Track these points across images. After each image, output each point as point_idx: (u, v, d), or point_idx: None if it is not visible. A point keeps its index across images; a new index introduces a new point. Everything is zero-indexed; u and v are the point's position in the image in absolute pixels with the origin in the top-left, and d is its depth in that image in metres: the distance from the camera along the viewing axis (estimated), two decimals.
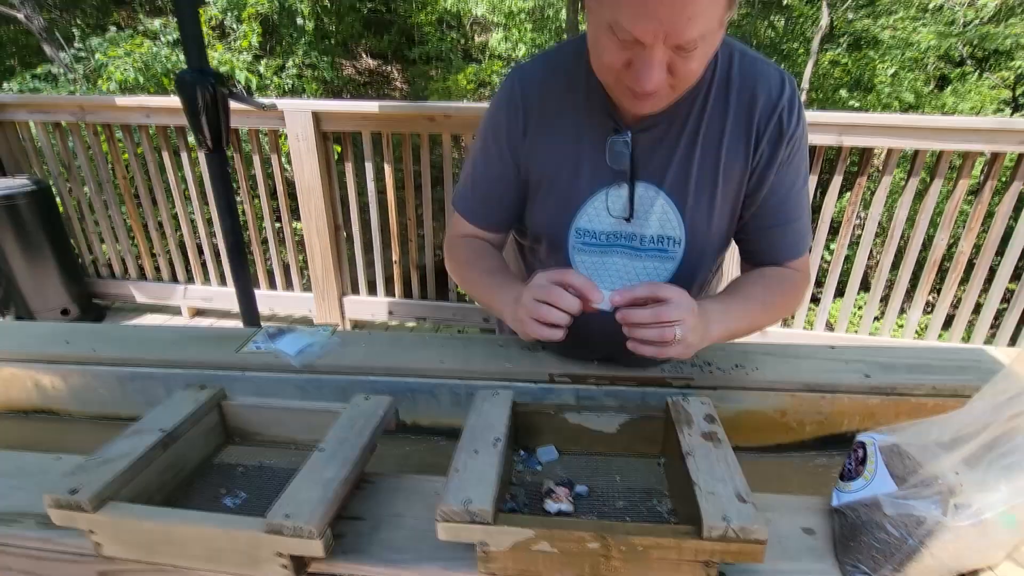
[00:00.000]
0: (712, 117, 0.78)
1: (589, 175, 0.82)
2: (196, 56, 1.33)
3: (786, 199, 0.83)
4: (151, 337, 1.08)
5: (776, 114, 0.77)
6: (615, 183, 0.82)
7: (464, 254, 0.93)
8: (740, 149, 0.79)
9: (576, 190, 0.84)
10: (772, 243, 0.86)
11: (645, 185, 0.82)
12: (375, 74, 8.07)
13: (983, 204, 2.17)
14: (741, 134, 0.78)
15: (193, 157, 2.67)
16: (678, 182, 0.81)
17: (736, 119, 0.78)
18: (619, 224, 0.84)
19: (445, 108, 2.33)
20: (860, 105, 6.22)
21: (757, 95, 0.77)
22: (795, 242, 0.87)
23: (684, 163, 0.80)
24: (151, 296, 2.98)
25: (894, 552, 0.51)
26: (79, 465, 0.60)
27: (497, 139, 0.87)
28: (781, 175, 0.81)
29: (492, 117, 0.88)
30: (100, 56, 4.83)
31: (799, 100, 0.80)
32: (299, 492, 0.56)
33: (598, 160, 0.81)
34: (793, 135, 0.78)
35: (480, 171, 0.91)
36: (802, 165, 0.83)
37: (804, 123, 0.81)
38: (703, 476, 0.56)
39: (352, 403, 0.72)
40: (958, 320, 2.42)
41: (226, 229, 1.58)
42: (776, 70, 0.79)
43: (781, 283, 0.86)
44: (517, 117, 0.84)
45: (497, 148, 0.87)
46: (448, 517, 0.54)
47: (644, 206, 0.82)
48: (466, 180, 0.94)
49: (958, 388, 0.87)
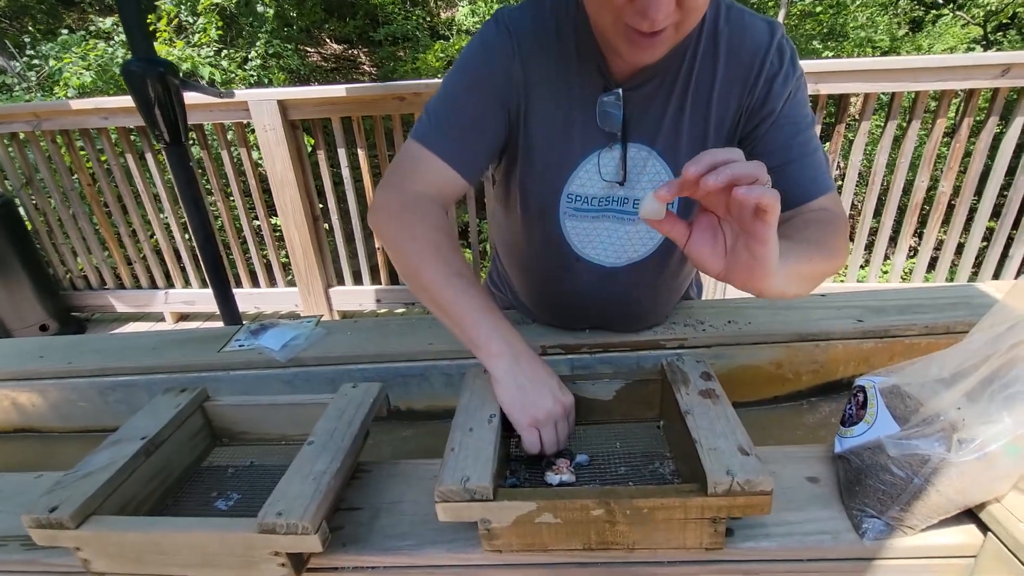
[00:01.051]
0: (701, 72, 0.75)
1: (580, 137, 0.78)
2: (142, 45, 1.26)
3: (795, 136, 0.76)
4: (129, 344, 1.04)
5: (767, 59, 0.74)
6: (607, 145, 0.79)
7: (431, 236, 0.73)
8: (731, 103, 0.76)
9: (568, 154, 0.79)
10: (791, 180, 0.76)
11: (637, 146, 0.78)
12: (341, 59, 7.84)
13: (961, 143, 2.17)
14: (731, 87, 0.75)
15: (160, 160, 2.58)
16: (670, 142, 0.78)
17: (726, 72, 0.75)
18: (611, 188, 0.81)
19: (415, 86, 2.26)
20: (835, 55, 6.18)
21: (746, 46, 0.74)
22: (816, 175, 0.77)
23: (675, 122, 0.77)
24: (131, 304, 2.92)
25: (900, 492, 0.51)
26: (57, 481, 0.58)
27: (493, 82, 0.76)
28: (782, 117, 0.76)
29: (483, 57, 0.77)
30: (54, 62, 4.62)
31: (790, 44, 0.77)
32: (290, 488, 0.54)
33: (589, 121, 0.77)
34: (787, 77, 0.75)
35: (462, 102, 0.77)
36: (804, 108, 0.78)
37: (799, 66, 0.77)
38: (704, 433, 0.55)
39: (340, 392, 0.70)
40: (941, 262, 2.44)
41: (195, 226, 1.52)
42: (763, 20, 0.76)
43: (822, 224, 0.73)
44: (514, 64, 0.75)
45: (489, 89, 0.76)
46: (447, 497, 0.52)
47: (636, 168, 0.79)
48: (439, 115, 0.78)
49: (951, 325, 0.87)
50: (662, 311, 0.94)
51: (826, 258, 0.67)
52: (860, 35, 6.02)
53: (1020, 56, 2.01)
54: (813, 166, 0.78)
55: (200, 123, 2.47)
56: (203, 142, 2.53)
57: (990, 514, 0.51)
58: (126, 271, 2.87)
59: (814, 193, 0.77)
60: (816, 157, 0.78)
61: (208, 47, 5.22)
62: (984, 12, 6.16)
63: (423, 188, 0.77)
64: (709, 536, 0.51)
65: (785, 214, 0.78)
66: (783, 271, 0.56)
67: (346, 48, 7.91)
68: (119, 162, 2.59)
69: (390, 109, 2.31)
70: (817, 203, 0.77)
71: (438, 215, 0.75)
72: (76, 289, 2.92)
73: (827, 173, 0.79)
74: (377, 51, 7.66)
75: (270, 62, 5.67)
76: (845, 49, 6.13)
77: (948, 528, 0.53)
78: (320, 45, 7.70)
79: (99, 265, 2.86)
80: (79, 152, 2.61)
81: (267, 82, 5.65)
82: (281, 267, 2.82)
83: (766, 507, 0.49)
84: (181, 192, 1.48)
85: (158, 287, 2.89)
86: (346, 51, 7.91)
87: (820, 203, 0.77)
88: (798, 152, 0.77)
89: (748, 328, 0.90)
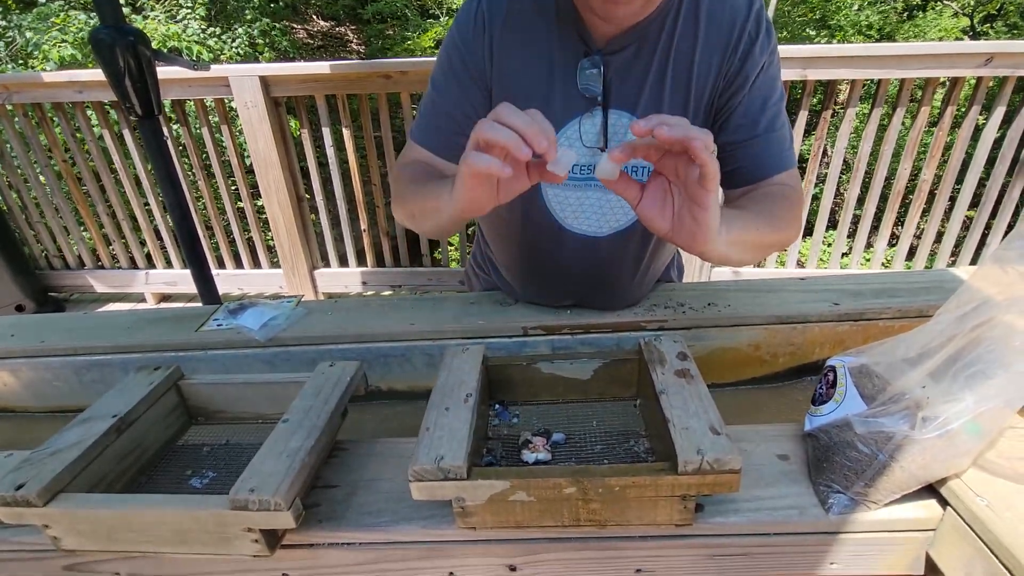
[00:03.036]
0: (682, 38, 0.75)
1: (561, 103, 0.78)
2: (110, 12, 1.20)
3: (763, 110, 0.78)
4: (103, 323, 1.02)
5: (746, 29, 0.75)
6: (587, 111, 0.78)
7: (408, 175, 0.82)
8: (712, 69, 0.76)
9: (549, 118, 0.78)
10: (755, 155, 0.80)
11: (618, 112, 0.78)
12: (328, 36, 7.66)
13: (943, 132, 2.19)
14: (712, 53, 0.76)
15: (138, 136, 2.52)
16: (651, 108, 0.77)
17: (706, 39, 0.75)
18: (592, 155, 0.81)
19: (401, 64, 2.22)
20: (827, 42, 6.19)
21: (725, 13, 0.75)
22: (779, 152, 0.80)
23: (656, 87, 0.77)
24: (111, 285, 2.86)
25: (865, 468, 0.52)
26: (25, 459, 0.57)
27: (462, 61, 0.80)
28: (754, 88, 0.77)
29: (455, 38, 0.80)
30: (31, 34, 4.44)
31: (766, 15, 0.77)
32: (263, 465, 0.54)
33: (570, 87, 0.77)
34: (763, 48, 0.76)
35: (442, 93, 0.83)
36: (776, 82, 0.80)
37: (774, 38, 0.78)
38: (677, 413, 0.55)
39: (317, 371, 0.69)
40: (921, 249, 2.48)
41: (171, 202, 1.48)
42: None
43: (774, 197, 0.78)
44: (481, 38, 0.78)
45: (461, 69, 0.80)
46: (421, 476, 0.52)
47: (618, 135, 0.79)
48: (425, 108, 0.85)
49: (924, 308, 0.88)
50: (643, 287, 0.95)
51: (776, 230, 0.72)
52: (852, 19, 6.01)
53: (1003, 46, 2.03)
54: (778, 141, 0.80)
55: (180, 99, 2.41)
56: (183, 119, 2.47)
57: (950, 489, 0.53)
58: (105, 251, 2.81)
59: (777, 168, 0.81)
60: (781, 133, 0.81)
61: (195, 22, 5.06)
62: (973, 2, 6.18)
63: (409, 161, 0.84)
64: (679, 513, 0.52)
65: (744, 189, 0.82)
66: (727, 236, 0.62)
67: (333, 25, 7.73)
68: (95, 138, 2.52)
69: (376, 87, 2.27)
70: (778, 178, 0.81)
71: (417, 164, 0.82)
72: (53, 268, 2.86)
73: (790, 148, 0.82)
74: (365, 29, 7.50)
75: (257, 40, 5.51)
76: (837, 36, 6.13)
77: (910, 503, 0.54)
78: (307, 22, 7.52)
79: (77, 244, 2.80)
80: (53, 127, 2.53)
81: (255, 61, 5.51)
82: (265, 248, 2.78)
83: (735, 485, 0.50)
84: (156, 168, 1.44)
85: (139, 267, 2.84)
86: (333, 28, 7.73)
87: (780, 178, 0.81)
88: (765, 127, 0.79)
89: (727, 311, 0.90)
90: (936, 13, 6.12)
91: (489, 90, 0.80)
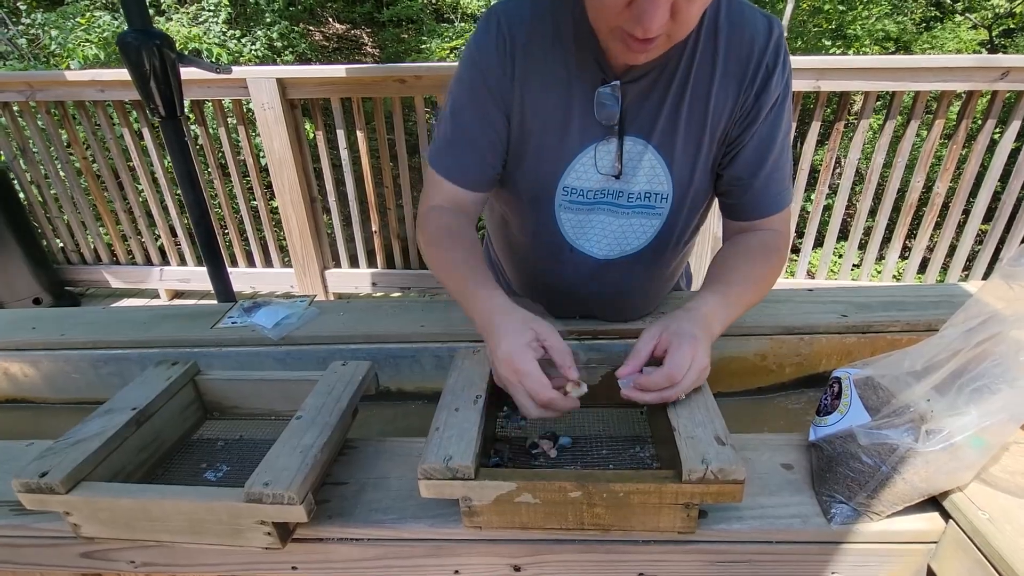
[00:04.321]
0: (700, 67, 0.75)
1: (579, 130, 0.78)
2: (138, 15, 1.24)
3: (770, 147, 0.79)
4: (122, 318, 1.05)
5: (764, 61, 0.74)
6: (604, 138, 0.79)
7: (437, 235, 0.81)
8: (728, 99, 0.76)
9: (566, 146, 0.79)
10: (755, 195, 0.82)
11: (633, 139, 0.78)
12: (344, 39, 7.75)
13: (958, 145, 2.18)
14: (730, 83, 0.75)
15: (157, 135, 2.56)
16: (666, 136, 0.78)
17: (725, 68, 0.75)
18: (607, 181, 0.81)
19: (416, 69, 2.25)
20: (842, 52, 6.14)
21: (745, 42, 0.74)
22: (778, 193, 0.83)
23: (672, 116, 0.77)
24: (126, 280, 2.91)
25: (868, 480, 0.53)
26: (48, 448, 0.59)
27: (486, 84, 0.77)
28: (766, 124, 0.78)
29: (475, 59, 0.78)
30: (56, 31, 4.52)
31: (785, 47, 0.77)
32: (278, 460, 0.55)
33: (587, 114, 0.77)
34: (779, 81, 0.76)
35: (462, 120, 0.80)
36: (785, 115, 0.80)
37: (789, 71, 0.78)
38: (683, 421, 0.56)
39: (329, 369, 0.71)
40: (933, 262, 2.46)
41: (190, 202, 1.52)
42: (763, 16, 0.76)
43: (766, 253, 0.81)
44: (504, 60, 0.76)
45: (484, 93, 0.78)
46: (429, 475, 0.53)
47: (632, 161, 0.79)
48: (443, 134, 0.83)
49: (932, 322, 0.89)
50: (652, 303, 0.96)
51: (760, 292, 0.79)
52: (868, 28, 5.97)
53: (1020, 60, 2.01)
54: (779, 181, 0.82)
55: (198, 99, 2.45)
56: (201, 119, 2.51)
57: (952, 503, 0.53)
58: (121, 247, 2.86)
59: (775, 208, 0.83)
60: (783, 172, 0.82)
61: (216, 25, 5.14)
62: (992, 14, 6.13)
63: (439, 203, 0.84)
64: (682, 520, 0.53)
65: (740, 224, 0.85)
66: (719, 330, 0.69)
67: (349, 28, 7.81)
68: (115, 135, 2.57)
69: (391, 91, 2.30)
70: (773, 220, 0.84)
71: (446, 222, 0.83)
72: (70, 263, 2.92)
73: (788, 185, 0.84)
74: (381, 32, 7.58)
75: (276, 42, 5.59)
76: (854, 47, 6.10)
77: (912, 515, 0.55)
78: (323, 24, 7.61)
79: (94, 240, 2.85)
80: (73, 123, 2.59)
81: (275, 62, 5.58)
82: (278, 248, 2.82)
83: (738, 495, 0.50)
84: (176, 168, 1.48)
85: (153, 264, 2.89)
86: (349, 31, 7.81)
87: (774, 221, 0.84)
88: (771, 166, 0.80)
89: (736, 320, 0.91)
90: (955, 25, 6.07)
91: (509, 115, 0.79)
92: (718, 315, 0.70)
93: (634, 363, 0.63)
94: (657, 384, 0.60)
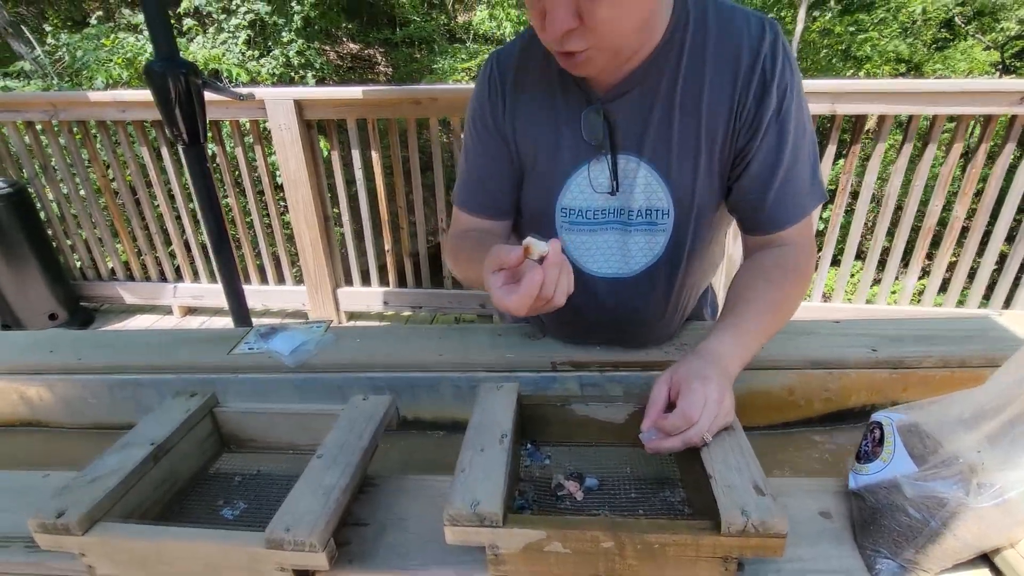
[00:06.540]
0: (689, 76, 0.73)
1: (569, 151, 0.81)
2: (165, 44, 1.26)
3: (779, 158, 0.75)
4: (139, 342, 1.04)
5: (759, 63, 0.71)
6: (595, 157, 0.80)
7: (459, 247, 0.89)
8: (723, 108, 0.73)
9: (557, 168, 0.83)
10: (768, 207, 0.78)
11: (625, 156, 0.79)
12: (357, 59, 7.89)
13: (976, 168, 2.15)
14: (722, 91, 0.73)
15: (174, 154, 2.60)
16: (658, 150, 0.77)
17: (715, 76, 0.72)
18: (606, 200, 0.82)
19: (431, 91, 2.27)
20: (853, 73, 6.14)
21: (735, 46, 0.72)
22: (793, 204, 0.78)
23: (663, 129, 0.76)
24: (140, 296, 2.93)
25: (916, 535, 0.50)
26: (65, 485, 0.58)
27: (484, 123, 0.86)
28: (770, 133, 0.74)
29: (475, 104, 0.87)
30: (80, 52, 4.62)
31: (784, 46, 0.73)
32: (299, 503, 0.54)
33: (576, 135, 0.80)
34: (780, 84, 0.72)
35: (472, 158, 0.89)
36: (794, 120, 0.74)
37: (794, 71, 0.74)
38: (718, 467, 0.54)
39: (350, 404, 0.69)
40: (953, 285, 2.42)
41: (210, 227, 1.53)
42: (756, 16, 0.73)
43: (783, 273, 0.77)
44: (496, 100, 0.84)
45: (485, 132, 0.86)
46: (456, 520, 0.52)
47: (628, 178, 0.80)
48: (460, 172, 0.93)
49: (966, 359, 0.86)
50: (670, 324, 0.94)
51: (777, 318, 0.76)
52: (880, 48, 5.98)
53: None
54: (792, 192, 0.77)
55: (216, 119, 2.49)
56: (218, 138, 2.55)
57: (1004, 560, 0.50)
58: (136, 262, 2.89)
59: (793, 219, 0.79)
60: (797, 181, 0.77)
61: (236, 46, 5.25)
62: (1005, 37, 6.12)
63: (462, 228, 0.92)
64: (719, 574, 0.51)
65: (756, 239, 0.82)
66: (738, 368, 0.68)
67: (362, 48, 7.95)
68: (134, 154, 2.61)
69: (406, 112, 2.32)
70: (787, 235, 0.80)
71: (468, 234, 0.90)
72: (86, 279, 2.94)
73: (807, 194, 0.78)
74: (394, 52, 7.70)
75: (294, 60, 5.69)
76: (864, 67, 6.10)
77: (962, 572, 0.52)
78: (336, 44, 7.75)
79: (111, 256, 2.88)
80: (94, 142, 2.63)
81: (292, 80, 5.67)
82: (290, 265, 2.83)
83: (779, 550, 0.48)
84: (197, 193, 1.49)
85: (167, 280, 2.91)
86: (362, 51, 7.95)
87: (789, 235, 0.80)
88: (782, 177, 0.76)
89: (761, 353, 0.88)
90: (968, 45, 6.07)
91: (508, 145, 0.85)
92: (732, 352, 0.68)
93: (653, 412, 0.62)
94: (675, 426, 0.59)
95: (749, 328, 0.72)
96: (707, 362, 0.64)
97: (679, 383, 0.62)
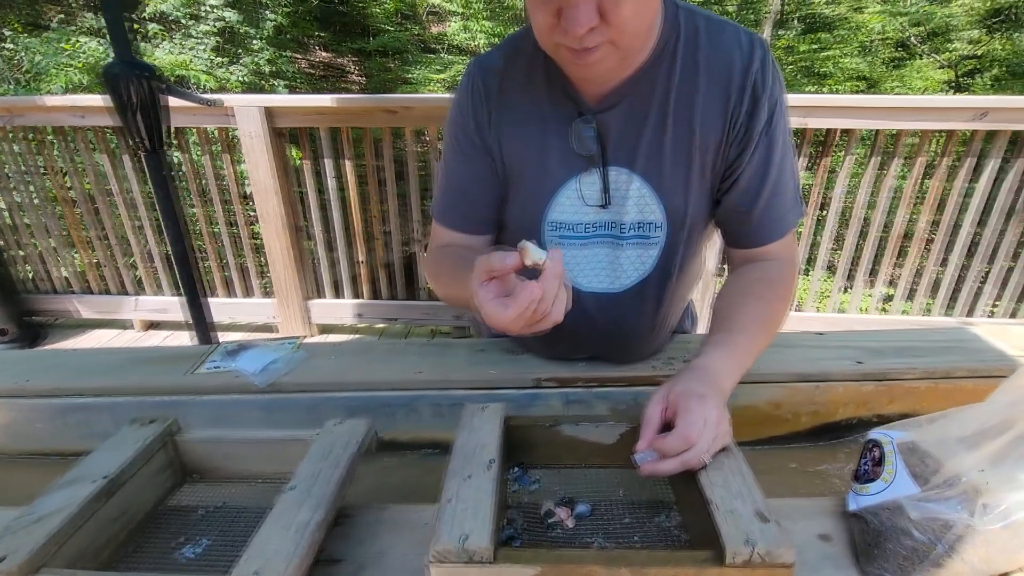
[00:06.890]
0: (681, 89, 0.73)
1: (557, 164, 0.78)
2: (125, 46, 1.20)
3: (766, 173, 0.76)
4: (92, 362, 0.97)
5: (750, 79, 0.72)
6: (586, 169, 0.77)
7: (439, 265, 0.85)
8: (715, 121, 0.73)
9: (545, 181, 0.79)
10: (755, 222, 0.79)
11: (616, 169, 0.77)
12: (330, 67, 7.79)
13: (939, 182, 2.23)
14: (715, 104, 0.73)
15: (136, 162, 2.49)
16: (651, 162, 0.76)
17: (708, 89, 0.73)
18: (597, 213, 0.79)
19: (405, 100, 2.24)
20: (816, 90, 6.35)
21: (727, 61, 0.72)
22: (779, 218, 0.79)
23: (655, 142, 0.75)
24: (97, 310, 2.78)
25: (922, 559, 0.48)
26: (6, 526, 0.51)
27: (466, 133, 0.81)
28: (760, 147, 0.75)
29: (456, 113, 0.83)
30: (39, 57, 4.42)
31: (773, 62, 0.74)
32: (268, 542, 0.49)
33: (565, 147, 0.77)
34: (770, 98, 0.73)
35: (452, 171, 0.85)
36: (780, 135, 0.76)
37: (781, 86, 0.75)
38: (718, 491, 0.51)
39: (324, 430, 0.65)
40: (917, 295, 2.50)
41: (172, 237, 1.45)
42: (746, 33, 0.74)
43: (771, 288, 0.78)
44: (479, 110, 0.80)
45: (467, 142, 0.82)
46: (443, 558, 0.48)
47: (619, 191, 0.78)
48: (439, 185, 0.88)
49: (950, 370, 0.86)
50: (658, 338, 0.92)
51: (766, 333, 0.75)
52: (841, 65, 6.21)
53: (997, 100, 2.09)
54: (778, 205, 0.79)
55: (181, 126, 2.40)
56: (184, 145, 2.45)
57: None
58: (94, 274, 2.75)
59: (778, 233, 0.80)
60: (783, 195, 0.79)
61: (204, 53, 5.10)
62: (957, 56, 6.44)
63: (441, 244, 0.89)
64: None
65: (742, 252, 0.83)
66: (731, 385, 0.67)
67: (335, 56, 7.86)
68: (92, 161, 2.49)
69: (380, 122, 2.28)
70: (773, 249, 0.81)
71: (447, 250, 0.86)
72: (39, 291, 2.78)
73: (794, 204, 0.81)
74: (367, 61, 7.63)
75: (264, 68, 5.56)
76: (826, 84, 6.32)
77: None
78: (309, 52, 7.64)
79: (65, 267, 2.73)
80: (52, 150, 2.50)
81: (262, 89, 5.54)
82: (259, 277, 2.73)
83: None
84: (159, 202, 1.41)
85: (128, 292, 2.77)
86: (335, 59, 7.86)
87: (775, 250, 0.81)
88: (770, 192, 0.77)
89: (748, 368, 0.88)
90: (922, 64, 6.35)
91: (494, 158, 0.81)
92: (725, 369, 0.67)
93: (648, 433, 0.59)
94: (674, 448, 0.56)
95: (741, 344, 0.70)
96: (702, 380, 0.62)
97: (675, 402, 0.59)
